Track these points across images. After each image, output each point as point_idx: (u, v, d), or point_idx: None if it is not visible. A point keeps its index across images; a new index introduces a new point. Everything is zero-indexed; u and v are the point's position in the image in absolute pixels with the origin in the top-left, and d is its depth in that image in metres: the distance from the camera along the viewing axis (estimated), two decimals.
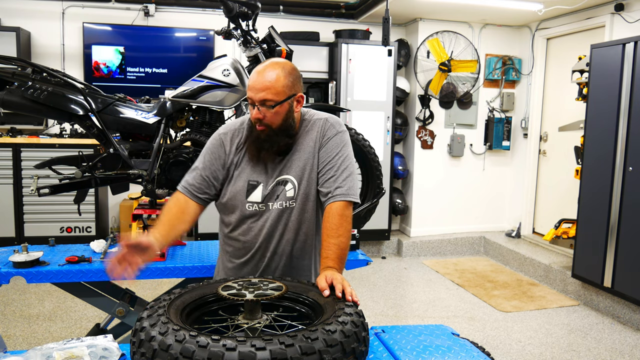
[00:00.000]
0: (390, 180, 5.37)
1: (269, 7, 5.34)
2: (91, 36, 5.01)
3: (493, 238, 5.72)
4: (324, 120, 1.77)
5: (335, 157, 1.72)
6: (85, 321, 3.61)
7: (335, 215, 1.65)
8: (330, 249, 1.60)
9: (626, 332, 3.71)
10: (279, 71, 1.64)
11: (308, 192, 1.74)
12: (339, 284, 1.42)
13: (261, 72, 1.64)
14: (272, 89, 1.62)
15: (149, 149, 2.61)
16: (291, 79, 1.66)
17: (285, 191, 1.73)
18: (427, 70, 5.53)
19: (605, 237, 3.90)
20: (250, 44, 2.62)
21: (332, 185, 1.69)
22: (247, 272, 1.80)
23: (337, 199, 1.67)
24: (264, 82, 1.62)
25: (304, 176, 1.73)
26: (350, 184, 1.71)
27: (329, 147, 1.73)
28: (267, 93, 1.62)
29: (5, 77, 2.39)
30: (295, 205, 1.74)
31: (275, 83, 1.62)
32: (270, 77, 1.63)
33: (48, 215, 4.75)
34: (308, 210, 1.76)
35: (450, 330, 1.60)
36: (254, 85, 1.63)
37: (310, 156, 1.74)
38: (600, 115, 3.95)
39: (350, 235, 1.67)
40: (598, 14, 4.74)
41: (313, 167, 1.74)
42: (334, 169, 1.71)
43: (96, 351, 1.30)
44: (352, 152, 1.79)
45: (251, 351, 1.06)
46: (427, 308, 4.13)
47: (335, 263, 1.58)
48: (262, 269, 1.79)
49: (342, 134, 1.76)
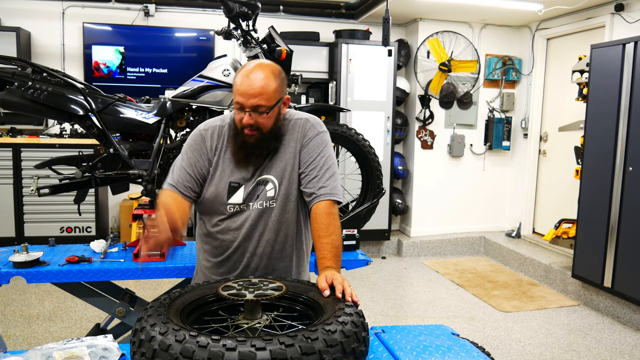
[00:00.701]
0: (390, 180, 5.37)
1: (269, 7, 5.34)
2: (91, 36, 5.01)
3: (493, 238, 5.72)
4: (305, 120, 1.76)
5: (318, 157, 1.71)
6: (85, 321, 3.61)
7: (323, 214, 1.65)
8: (325, 248, 1.60)
9: (626, 332, 3.71)
10: (269, 75, 1.60)
11: (289, 192, 1.73)
12: (339, 284, 1.42)
13: (249, 76, 1.59)
14: (264, 94, 1.58)
15: (149, 149, 2.61)
16: (279, 82, 1.63)
17: (265, 191, 1.71)
18: (427, 71, 5.53)
19: (605, 237, 3.90)
20: (250, 44, 2.62)
21: (316, 185, 1.68)
22: (224, 272, 1.77)
23: (323, 198, 1.67)
24: (255, 88, 1.57)
25: (284, 176, 1.72)
26: (334, 184, 1.70)
27: (310, 148, 1.72)
28: (260, 99, 1.58)
29: (5, 77, 2.39)
30: (275, 205, 1.72)
31: (267, 88, 1.58)
32: (261, 82, 1.58)
33: (48, 215, 4.76)
34: (288, 211, 1.74)
35: (450, 330, 1.60)
36: (246, 90, 1.58)
37: (291, 157, 1.72)
38: (600, 115, 3.95)
39: (340, 232, 1.67)
40: (598, 14, 4.74)
41: (294, 168, 1.72)
42: (317, 169, 1.70)
43: (96, 351, 1.30)
44: (334, 152, 1.78)
45: (251, 351, 1.06)
46: (427, 308, 4.13)
47: (332, 262, 1.58)
48: (241, 270, 1.76)
49: (323, 134, 1.76)
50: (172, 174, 1.73)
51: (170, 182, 1.72)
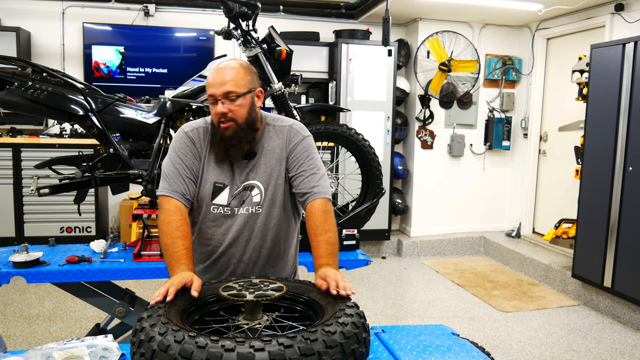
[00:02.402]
0: (390, 180, 5.37)
1: (269, 7, 5.33)
2: (91, 36, 5.01)
3: (493, 238, 5.72)
4: (289, 127, 1.79)
5: (307, 160, 1.75)
6: (85, 321, 3.61)
7: (318, 212, 1.66)
8: (321, 246, 1.60)
9: (626, 332, 3.71)
10: (237, 66, 1.68)
11: (274, 198, 1.74)
12: (332, 280, 1.42)
13: (220, 69, 1.67)
14: (233, 81, 1.64)
15: (149, 149, 2.61)
16: (250, 74, 1.71)
17: (251, 197, 1.73)
18: (427, 70, 5.53)
19: (605, 237, 3.90)
20: (250, 44, 2.62)
21: (309, 185, 1.71)
22: (210, 278, 1.75)
23: (317, 196, 1.69)
24: (224, 77, 1.64)
25: (270, 182, 1.73)
26: (325, 184, 1.74)
27: (298, 152, 1.75)
28: (229, 85, 1.64)
29: (5, 77, 2.39)
30: (261, 211, 1.74)
31: (235, 76, 1.65)
32: (230, 72, 1.66)
33: (48, 215, 4.75)
34: (274, 217, 1.75)
35: (450, 330, 1.60)
36: (215, 80, 1.65)
37: (277, 162, 1.74)
38: (600, 115, 3.95)
39: (336, 229, 1.68)
40: (598, 14, 4.74)
41: (280, 174, 1.75)
42: (309, 171, 1.73)
43: (96, 351, 1.30)
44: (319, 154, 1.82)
45: (250, 352, 1.06)
46: (427, 308, 4.13)
47: (328, 259, 1.57)
48: (227, 276, 1.75)
49: (308, 139, 1.79)
50: (168, 180, 1.69)
51: (170, 189, 1.68)
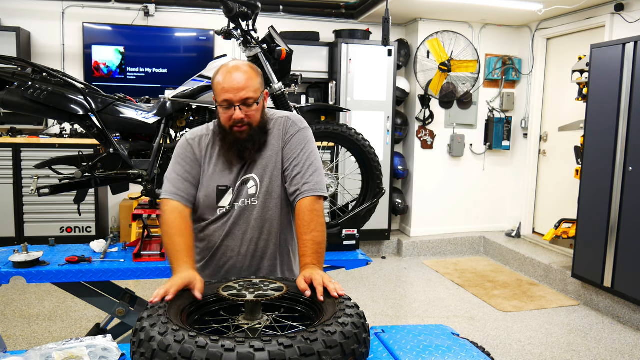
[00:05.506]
0: (390, 180, 5.37)
1: (269, 7, 5.33)
2: (91, 36, 5.01)
3: (493, 238, 5.72)
4: (286, 118, 1.77)
5: (301, 154, 1.72)
6: (85, 321, 3.61)
7: (305, 211, 1.65)
8: (306, 245, 1.59)
9: (626, 332, 3.71)
10: (249, 70, 1.66)
11: (271, 189, 1.73)
12: (319, 285, 1.39)
13: (232, 73, 1.63)
14: (251, 87, 1.63)
15: (149, 149, 2.61)
16: (260, 76, 1.70)
17: (247, 189, 1.72)
18: (427, 70, 5.53)
19: (605, 237, 3.90)
20: (250, 44, 2.62)
21: (300, 182, 1.69)
22: (209, 274, 1.76)
23: (306, 194, 1.67)
24: (241, 82, 1.62)
25: (266, 173, 1.72)
26: (318, 179, 1.71)
27: (292, 144, 1.73)
28: (247, 92, 1.62)
29: (5, 77, 2.39)
30: (257, 202, 1.73)
31: (252, 81, 1.64)
32: (244, 75, 1.63)
33: (48, 215, 4.75)
34: (271, 208, 1.74)
35: (450, 330, 1.60)
36: (232, 86, 1.61)
37: (274, 154, 1.73)
38: (600, 115, 3.95)
39: (324, 228, 1.66)
40: (598, 14, 4.74)
41: (276, 165, 1.73)
42: (300, 166, 1.71)
43: (95, 351, 1.30)
44: (317, 148, 1.79)
45: (250, 352, 1.06)
46: (427, 308, 4.12)
47: (312, 259, 1.56)
48: (225, 271, 1.75)
49: (304, 131, 1.77)
50: (170, 183, 1.72)
51: (173, 192, 1.70)
